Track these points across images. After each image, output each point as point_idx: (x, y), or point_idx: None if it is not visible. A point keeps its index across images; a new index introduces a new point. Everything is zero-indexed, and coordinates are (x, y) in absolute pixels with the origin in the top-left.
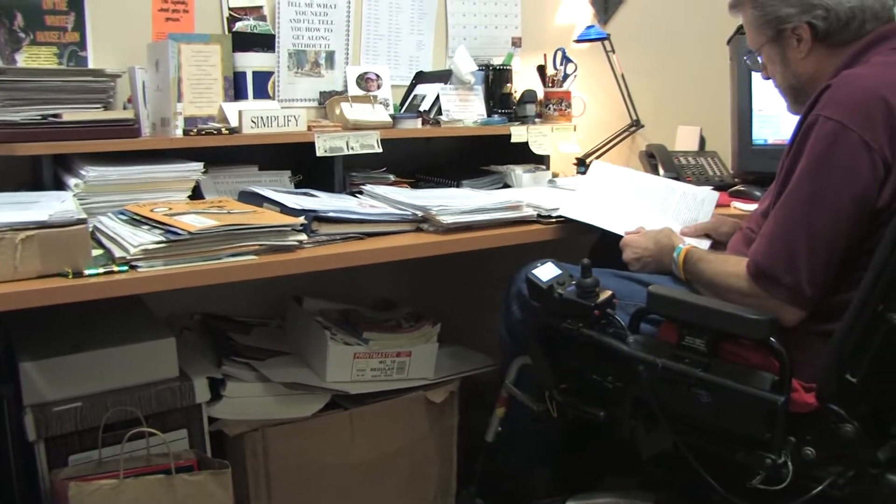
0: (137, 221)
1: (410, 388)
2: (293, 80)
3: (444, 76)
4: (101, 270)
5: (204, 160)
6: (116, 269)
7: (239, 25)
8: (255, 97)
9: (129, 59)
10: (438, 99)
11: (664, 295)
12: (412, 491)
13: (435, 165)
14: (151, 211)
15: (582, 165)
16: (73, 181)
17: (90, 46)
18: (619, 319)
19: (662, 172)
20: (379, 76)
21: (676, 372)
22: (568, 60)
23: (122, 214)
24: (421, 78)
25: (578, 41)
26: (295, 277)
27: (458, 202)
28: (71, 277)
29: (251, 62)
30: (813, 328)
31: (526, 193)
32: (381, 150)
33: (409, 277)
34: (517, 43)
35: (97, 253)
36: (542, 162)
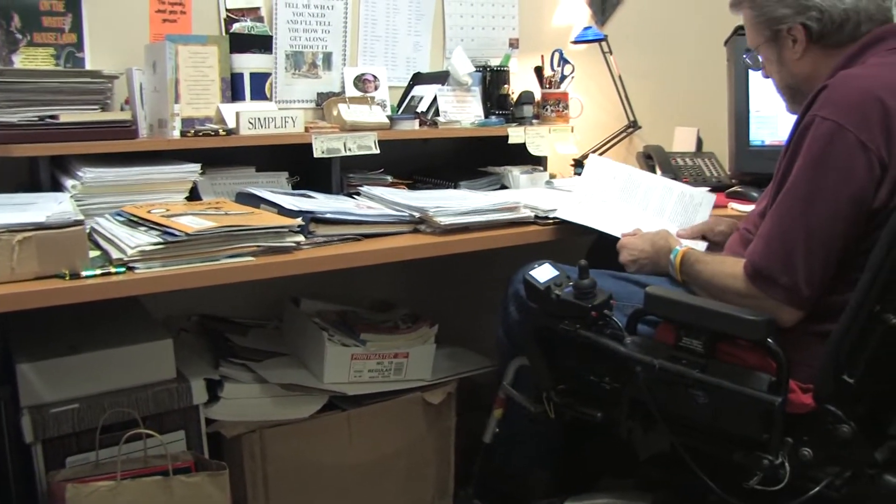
0: (135, 223)
1: (408, 389)
2: (290, 81)
3: (441, 77)
4: (98, 272)
5: (201, 161)
6: (114, 270)
7: (236, 27)
8: (252, 98)
9: (126, 60)
10: (436, 100)
11: (661, 296)
12: (410, 492)
13: (432, 166)
14: (149, 212)
15: (579, 167)
16: (70, 182)
17: (87, 48)
18: (616, 320)
19: (660, 173)
20: (376, 77)
21: (674, 373)
22: (565, 61)
23: (119, 216)
24: (418, 79)
25: (576, 42)
26: (292, 279)
27: (455, 203)
28: (68, 279)
29: (248, 63)
30: (810, 329)
31: (523, 195)
32: (378, 151)
33: (406, 279)
34: (514, 44)
35: (94, 254)
36: (539, 163)
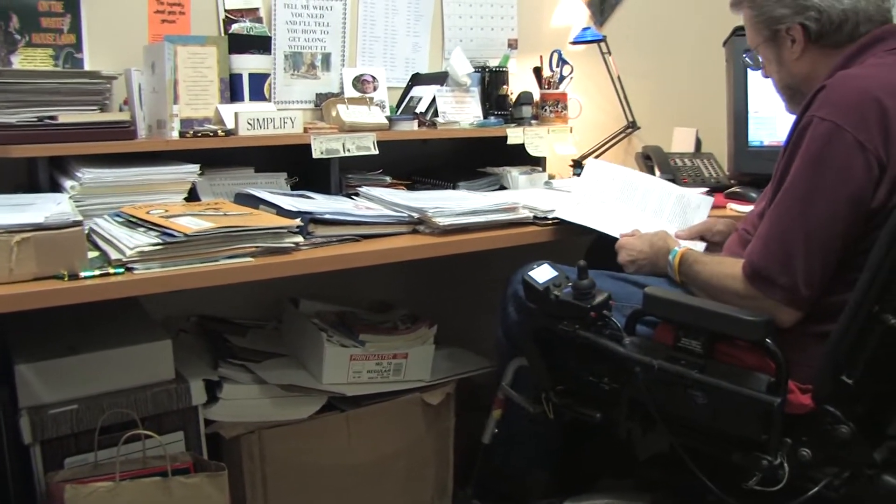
0: (133, 223)
1: (407, 389)
2: (289, 81)
3: (440, 78)
4: (96, 272)
5: (200, 162)
6: (112, 271)
7: (235, 27)
8: (251, 99)
9: (125, 61)
10: (435, 101)
11: (660, 296)
12: (409, 492)
13: (431, 167)
14: (147, 213)
15: (578, 167)
16: (69, 183)
17: (86, 48)
18: (615, 321)
19: (659, 174)
20: (375, 78)
21: (672, 373)
22: (564, 62)
23: (118, 216)
24: (417, 80)
25: (574, 43)
26: (291, 279)
27: (454, 204)
28: (67, 280)
29: (247, 64)
30: (809, 329)
31: (522, 195)
32: (377, 151)
33: (405, 279)
34: (513, 45)
35: (93, 255)
36: (538, 164)
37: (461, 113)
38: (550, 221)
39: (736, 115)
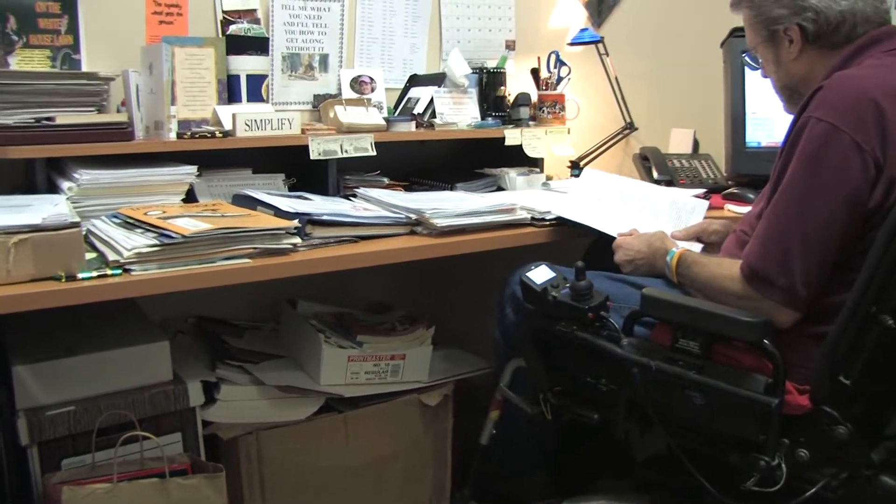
0: (131, 225)
1: (405, 391)
2: (287, 83)
3: (438, 79)
4: (94, 274)
5: (198, 163)
6: (110, 272)
7: (233, 28)
8: (248, 100)
9: (122, 62)
10: (432, 102)
11: (658, 297)
12: (407, 494)
13: (429, 168)
14: (145, 214)
15: (576, 168)
16: (66, 184)
17: (84, 49)
18: (612, 322)
19: (656, 175)
20: (373, 79)
21: (670, 374)
22: (562, 63)
23: (115, 218)
24: (415, 81)
25: (572, 44)
26: (289, 280)
27: (451, 205)
28: (64, 281)
29: (245, 65)
30: (806, 330)
31: (520, 196)
32: (374, 153)
33: (402, 280)
34: (511, 46)
35: (91, 256)
36: (536, 165)
37: (459, 114)
38: (548, 222)
39: (733, 116)
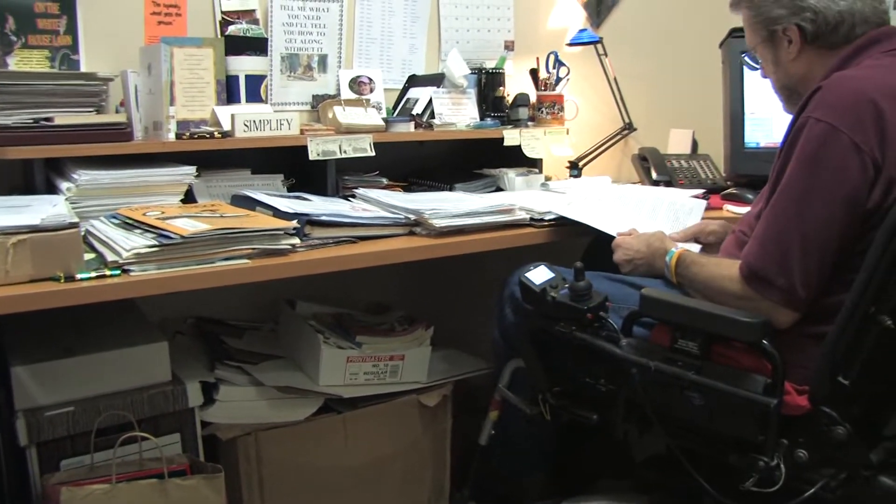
0: (130, 225)
1: (404, 391)
2: (286, 83)
3: (436, 80)
4: (93, 274)
5: (196, 164)
6: (109, 273)
7: (231, 29)
8: (247, 101)
9: (121, 62)
10: (431, 102)
11: (657, 298)
12: (406, 494)
13: (427, 169)
14: (144, 215)
15: (575, 169)
16: (65, 185)
17: (82, 50)
18: (611, 322)
19: (655, 175)
20: (371, 80)
21: (669, 375)
22: (560, 64)
23: (114, 218)
24: (413, 81)
25: (571, 44)
26: (288, 281)
27: (450, 206)
28: (63, 282)
29: (244, 66)
30: (805, 330)
31: (518, 197)
32: (373, 153)
33: (401, 281)
34: (510, 46)
35: (89, 257)
36: (534, 165)
37: (458, 114)
38: (547, 223)
39: (732, 116)
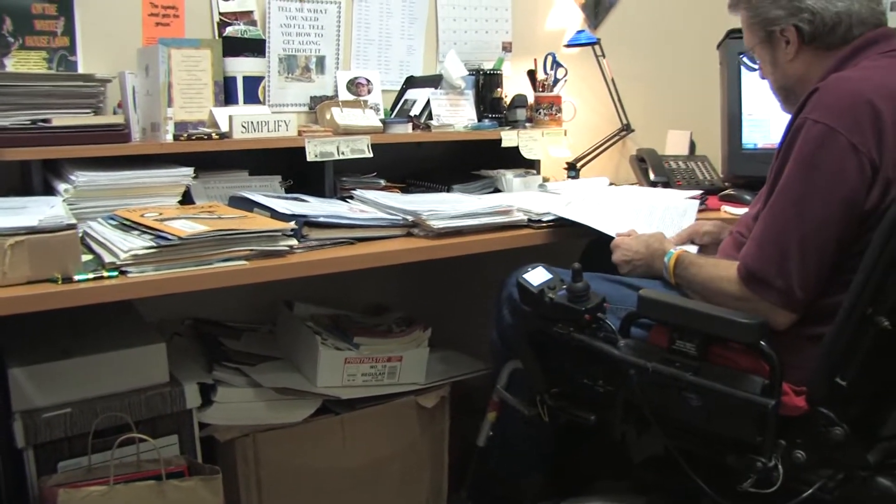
0: (127, 227)
1: (401, 392)
2: (284, 84)
3: (434, 81)
4: (90, 276)
5: (194, 165)
6: (106, 274)
7: (229, 30)
8: (245, 102)
9: (119, 63)
10: (429, 104)
11: (655, 299)
12: (404, 496)
13: (425, 170)
14: (141, 216)
15: (572, 170)
16: (62, 186)
17: (80, 51)
18: (609, 323)
19: (653, 177)
20: (369, 81)
21: (667, 375)
22: (558, 65)
23: (112, 220)
24: (411, 83)
25: (569, 46)
26: (286, 282)
27: (448, 207)
28: (60, 283)
29: (241, 67)
30: (803, 331)
31: (516, 198)
32: (371, 154)
33: (399, 282)
34: (507, 47)
35: (87, 258)
36: (532, 166)
37: (455, 116)
38: (545, 224)
39: (730, 117)
